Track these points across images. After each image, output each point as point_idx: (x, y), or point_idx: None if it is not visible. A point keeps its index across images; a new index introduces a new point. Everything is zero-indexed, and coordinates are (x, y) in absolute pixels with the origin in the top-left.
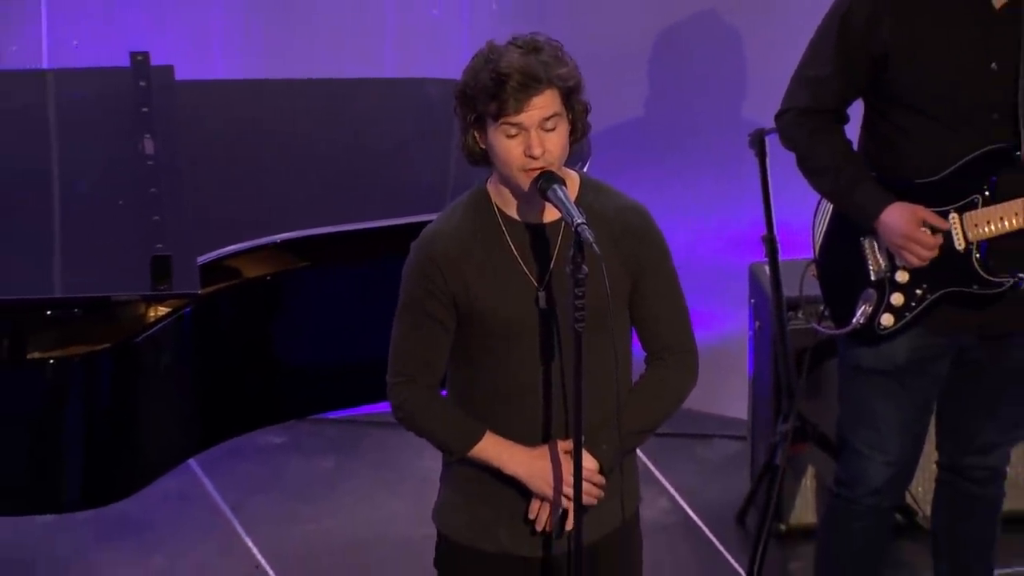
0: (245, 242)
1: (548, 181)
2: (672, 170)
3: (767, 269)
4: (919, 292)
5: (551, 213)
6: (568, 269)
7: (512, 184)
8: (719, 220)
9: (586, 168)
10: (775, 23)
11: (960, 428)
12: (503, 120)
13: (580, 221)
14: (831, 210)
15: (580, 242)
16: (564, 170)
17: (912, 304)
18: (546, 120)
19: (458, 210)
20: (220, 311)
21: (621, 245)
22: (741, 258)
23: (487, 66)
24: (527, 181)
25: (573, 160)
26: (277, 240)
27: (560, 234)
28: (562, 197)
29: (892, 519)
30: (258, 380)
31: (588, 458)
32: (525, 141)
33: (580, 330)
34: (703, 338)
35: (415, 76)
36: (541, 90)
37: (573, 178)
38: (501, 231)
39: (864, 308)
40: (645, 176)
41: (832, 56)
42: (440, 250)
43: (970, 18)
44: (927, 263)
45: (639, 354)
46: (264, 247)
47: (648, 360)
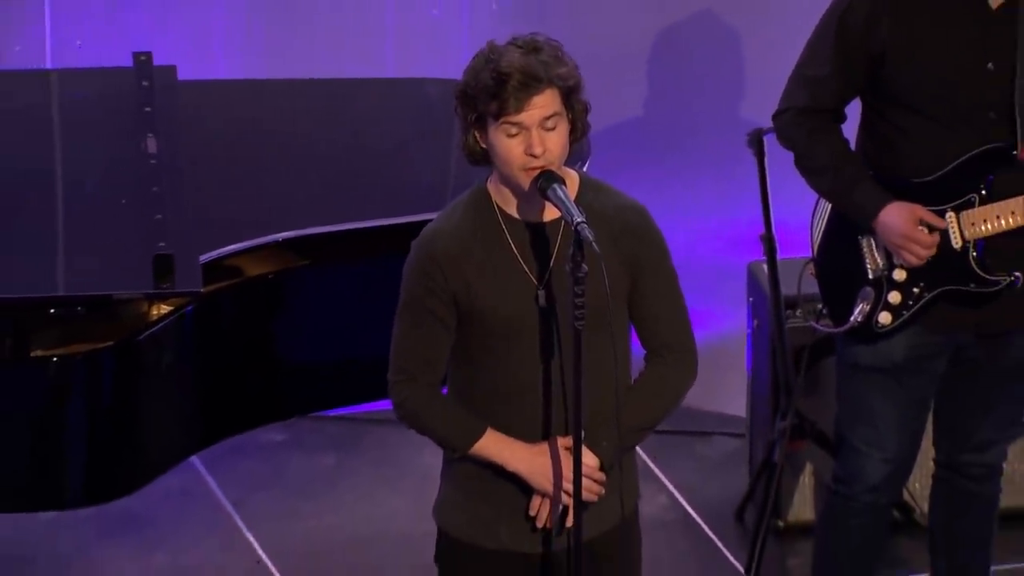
0: (246, 241)
1: (548, 180)
2: (671, 170)
3: (765, 268)
4: (916, 291)
5: (551, 212)
6: (568, 268)
7: (512, 183)
8: (718, 219)
9: (586, 167)
10: (773, 23)
11: (957, 426)
12: (504, 119)
13: (580, 220)
14: (829, 209)
15: (580, 241)
16: (564, 169)
17: (910, 302)
18: (546, 119)
19: (458, 209)
20: (222, 309)
21: (620, 244)
22: (739, 257)
23: (488, 66)
24: (527, 180)
25: (573, 159)
26: (278, 239)
27: (560, 233)
28: (562, 196)
29: (889, 516)
30: (259, 378)
31: (588, 455)
32: (526, 140)
33: (580, 328)
34: (702, 336)
35: (415, 76)
36: (541, 89)
37: (573, 177)
38: (501, 230)
39: (862, 306)
40: (644, 176)
41: (830, 56)
42: (440, 249)
43: (967, 18)
44: (925, 262)
45: (638, 352)
46: (265, 246)
47: (647, 358)
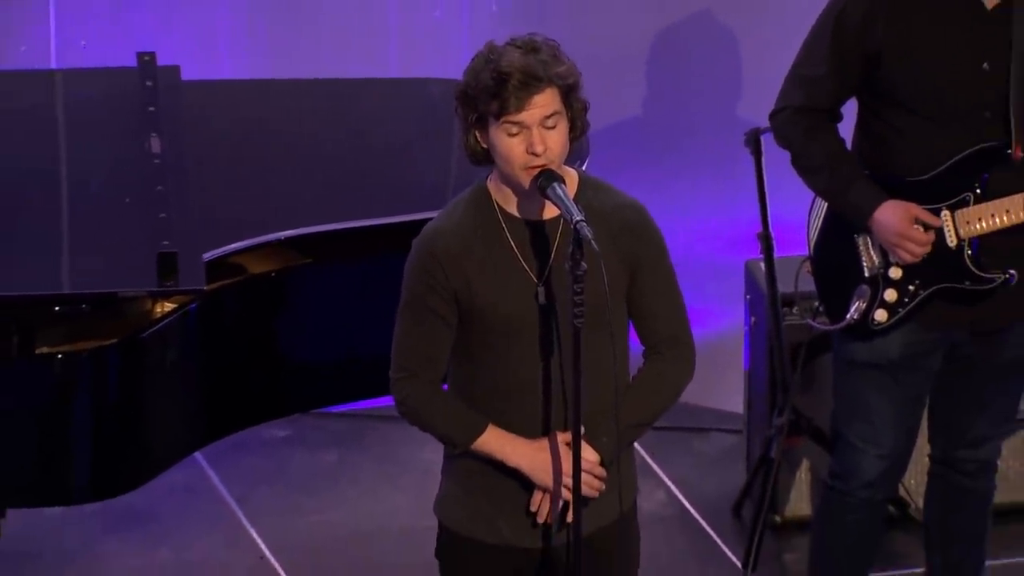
0: (250, 239)
1: (548, 179)
2: (670, 169)
3: (763, 266)
4: (912, 288)
5: (551, 210)
6: (567, 266)
7: (513, 182)
8: (715, 218)
9: (585, 167)
10: (771, 23)
11: (952, 422)
12: (505, 119)
13: (579, 218)
14: (825, 208)
15: (579, 239)
16: (563, 168)
17: (905, 300)
18: (547, 118)
19: (459, 207)
20: (225, 307)
21: (619, 242)
22: (737, 255)
23: (488, 66)
24: (528, 179)
25: (572, 158)
26: (281, 237)
27: (559, 231)
28: (561, 195)
29: (885, 511)
30: (263, 375)
31: (589, 450)
32: (527, 139)
33: (579, 326)
34: (700, 334)
35: (418, 76)
36: (541, 88)
37: (572, 176)
38: (501, 228)
39: (858, 304)
40: (643, 175)
41: (827, 55)
42: (441, 247)
43: (963, 18)
44: (920, 260)
45: (637, 348)
46: (269, 244)
47: (646, 355)
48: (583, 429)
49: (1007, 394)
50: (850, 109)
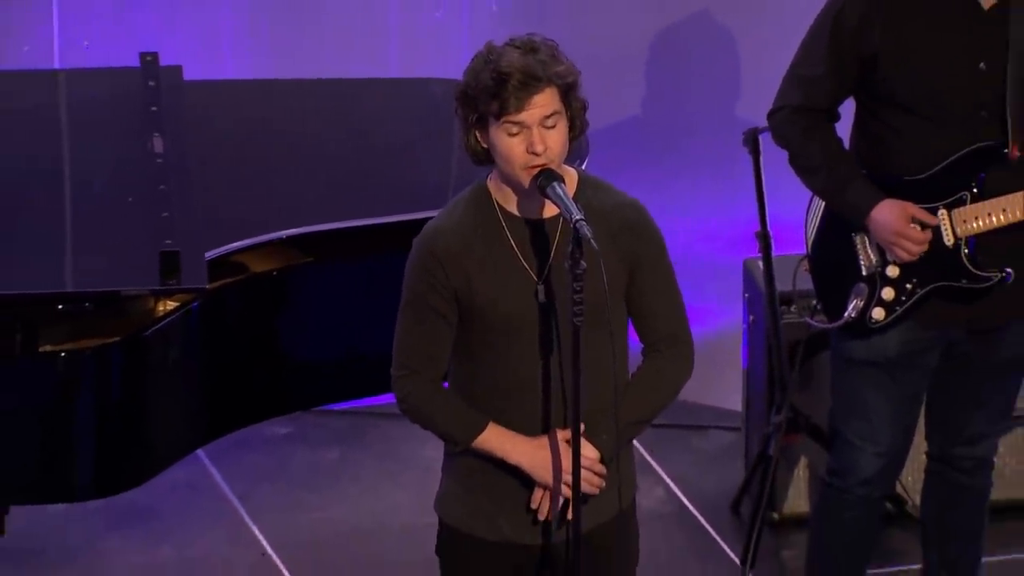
0: (252, 238)
1: (547, 178)
2: (669, 169)
3: (761, 265)
4: (909, 287)
5: (550, 209)
6: (567, 264)
7: (513, 181)
8: (714, 217)
9: (585, 166)
10: (770, 24)
11: (949, 419)
12: (505, 119)
13: (578, 217)
14: (823, 207)
15: (578, 238)
16: (563, 167)
17: (903, 298)
18: (546, 118)
19: (459, 206)
20: (227, 305)
21: (619, 240)
22: (735, 254)
23: (487, 67)
24: (529, 178)
25: (572, 158)
26: (283, 236)
27: (559, 230)
28: (561, 194)
29: (883, 508)
30: (264, 373)
31: (589, 447)
32: (527, 139)
33: (579, 324)
34: (699, 332)
35: (419, 76)
36: (541, 88)
37: (571, 175)
38: (501, 227)
39: (856, 302)
40: (643, 174)
41: (824, 56)
42: (442, 246)
43: (960, 19)
44: (917, 258)
45: (636, 346)
46: (270, 243)
47: (645, 352)
48: (583, 427)
49: (1004, 392)
50: (848, 109)
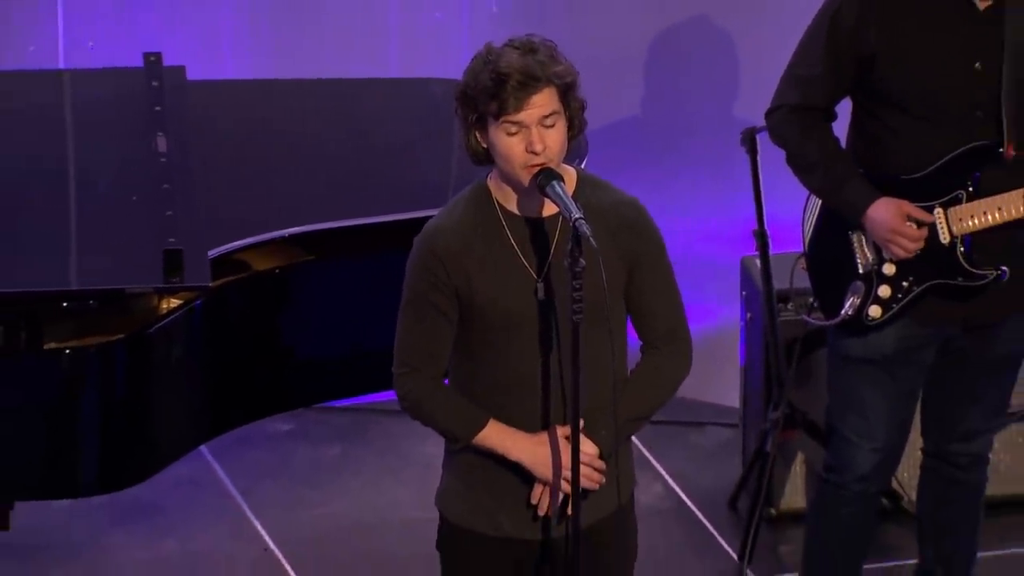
0: (255, 236)
1: (547, 177)
2: (668, 168)
3: (758, 263)
4: (906, 284)
5: (550, 208)
6: (566, 262)
7: (513, 180)
8: (712, 216)
9: (584, 165)
10: (768, 25)
11: (945, 416)
12: (504, 119)
13: (578, 216)
14: (820, 205)
15: (578, 236)
16: (562, 166)
17: (899, 296)
18: (545, 118)
19: (459, 205)
20: (230, 303)
21: (618, 239)
22: (733, 252)
23: (487, 67)
24: (528, 177)
25: (571, 157)
26: (285, 234)
27: (558, 228)
28: (560, 193)
29: (879, 504)
30: (267, 370)
31: (588, 443)
32: (526, 138)
33: (578, 321)
34: (697, 329)
35: (419, 76)
36: (540, 88)
37: (571, 174)
38: (501, 225)
39: (852, 300)
40: (642, 174)
41: (822, 56)
42: (442, 244)
43: (955, 19)
44: (912, 256)
45: (635, 343)
46: (272, 241)
47: (643, 349)
48: (582, 423)
49: (999, 388)
50: (844, 108)
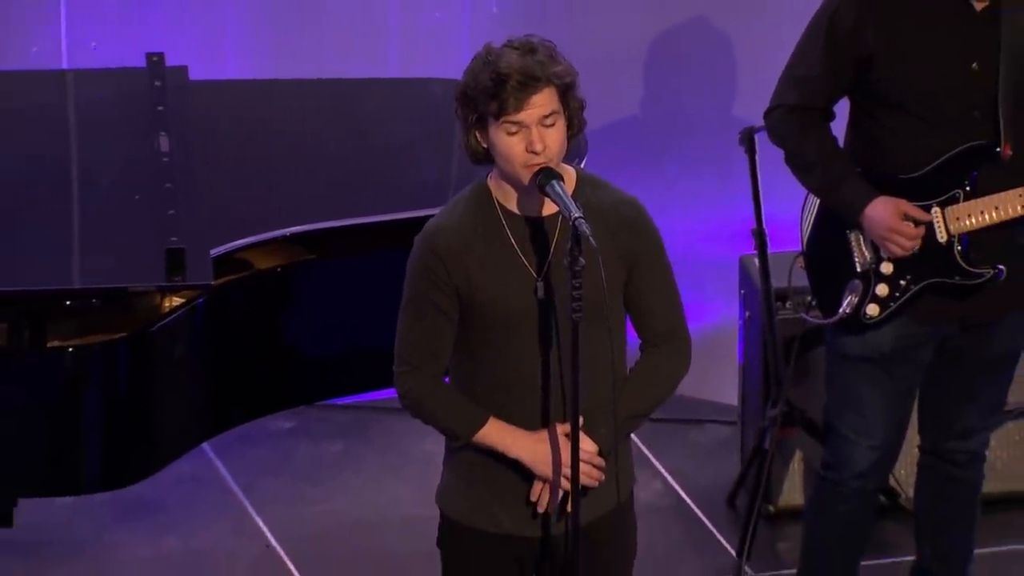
0: (256, 235)
1: (547, 177)
2: (668, 168)
3: (757, 261)
4: (903, 283)
5: (550, 207)
6: (566, 261)
7: (513, 179)
8: (711, 215)
9: (583, 165)
10: (766, 26)
11: (942, 414)
12: (504, 119)
13: (577, 215)
14: (818, 205)
15: (577, 235)
16: (562, 166)
17: (897, 295)
18: (545, 117)
19: (460, 204)
20: (232, 302)
21: (617, 238)
22: (732, 251)
23: (486, 68)
24: (528, 176)
25: (570, 157)
26: (287, 233)
27: (558, 227)
28: (560, 192)
29: (876, 501)
30: (268, 368)
31: (588, 441)
32: (526, 138)
33: (578, 320)
34: (696, 328)
35: (419, 76)
36: (540, 88)
37: (570, 173)
38: (501, 224)
39: (850, 298)
40: (642, 173)
41: (820, 56)
42: (443, 243)
43: (952, 20)
44: (910, 254)
45: (634, 341)
46: (274, 240)
47: (643, 348)
48: (581, 421)
49: (996, 386)
50: (842, 108)
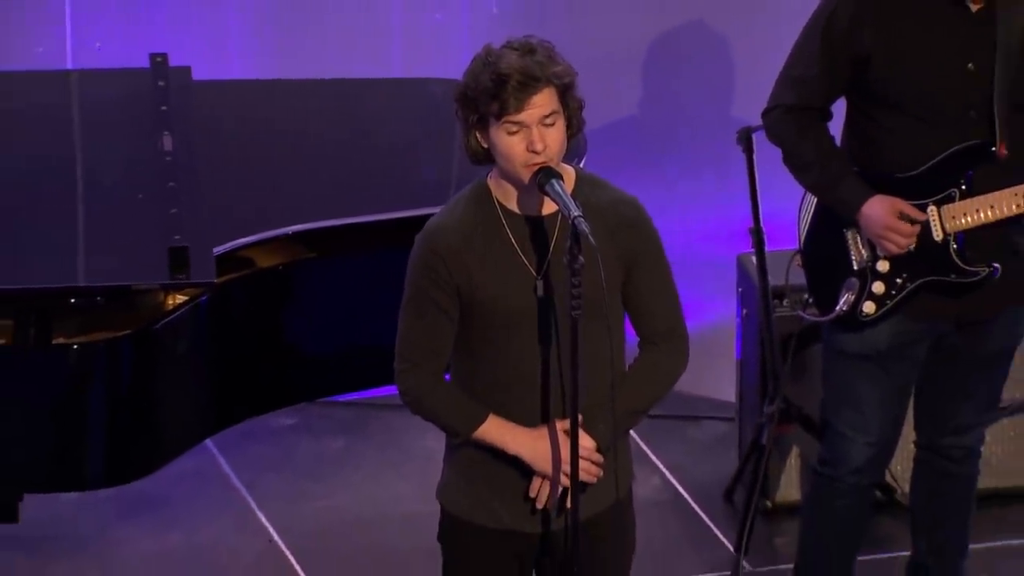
0: (258, 234)
1: (547, 176)
2: (666, 167)
3: (754, 260)
4: (899, 281)
5: (549, 206)
6: (565, 260)
7: (514, 179)
8: (710, 214)
9: (583, 164)
10: (765, 27)
11: (938, 410)
12: (505, 119)
13: (577, 214)
14: (815, 203)
15: (576, 234)
16: (561, 165)
17: (893, 292)
18: (545, 117)
19: (460, 203)
20: (234, 300)
21: (616, 237)
22: (730, 250)
23: (487, 68)
24: (528, 176)
25: (570, 156)
26: (289, 232)
27: (558, 226)
28: (559, 191)
29: (872, 496)
30: (270, 365)
31: (586, 437)
32: (527, 138)
33: (577, 317)
34: (694, 325)
35: (421, 76)
36: (540, 88)
37: (570, 173)
38: (501, 223)
39: (847, 296)
40: (641, 173)
41: (817, 57)
42: (443, 242)
43: (948, 21)
44: (906, 252)
45: (632, 339)
46: (277, 239)
47: (641, 345)
48: (580, 417)
49: (991, 383)
50: (840, 107)
